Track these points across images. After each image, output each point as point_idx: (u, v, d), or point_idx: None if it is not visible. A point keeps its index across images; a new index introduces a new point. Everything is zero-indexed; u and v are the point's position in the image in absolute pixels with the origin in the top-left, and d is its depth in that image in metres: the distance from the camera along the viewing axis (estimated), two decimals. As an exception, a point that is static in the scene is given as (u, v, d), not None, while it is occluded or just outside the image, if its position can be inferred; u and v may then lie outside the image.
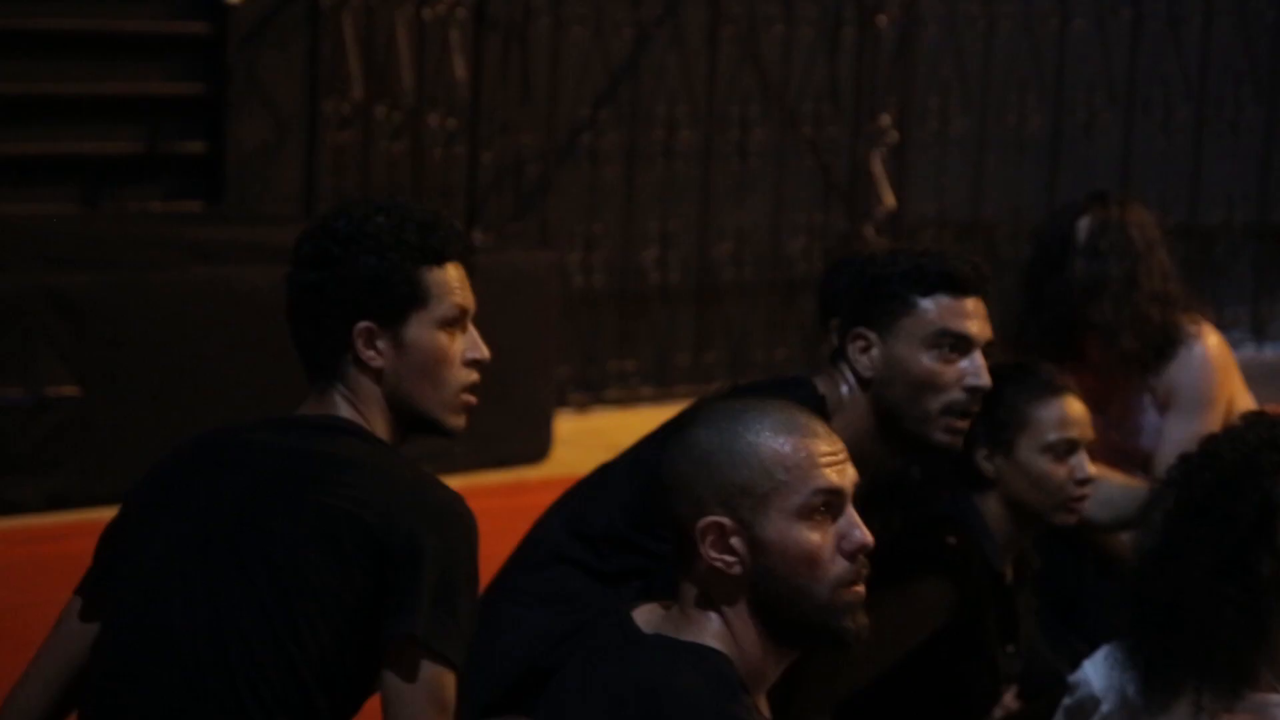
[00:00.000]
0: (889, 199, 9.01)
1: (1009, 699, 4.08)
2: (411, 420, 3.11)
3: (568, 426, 7.85)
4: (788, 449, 2.64)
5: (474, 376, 3.10)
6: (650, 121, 8.60)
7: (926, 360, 3.61)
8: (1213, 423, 4.81)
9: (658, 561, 3.32)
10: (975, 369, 3.63)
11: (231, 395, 6.53)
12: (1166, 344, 4.93)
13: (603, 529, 3.68)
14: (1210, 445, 3.42)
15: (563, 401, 8.14)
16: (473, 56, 8.08)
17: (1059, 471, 3.99)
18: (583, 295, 8.45)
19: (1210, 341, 4.99)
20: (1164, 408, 4.95)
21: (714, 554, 2.62)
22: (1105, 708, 3.37)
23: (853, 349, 3.68)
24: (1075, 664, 3.49)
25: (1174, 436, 4.77)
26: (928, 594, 3.89)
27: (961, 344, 3.63)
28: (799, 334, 8.96)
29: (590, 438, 7.53)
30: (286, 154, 7.87)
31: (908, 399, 3.61)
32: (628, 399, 8.34)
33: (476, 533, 2.98)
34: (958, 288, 3.65)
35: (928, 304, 3.62)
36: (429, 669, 2.85)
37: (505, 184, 8.33)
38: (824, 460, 2.65)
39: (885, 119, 9.02)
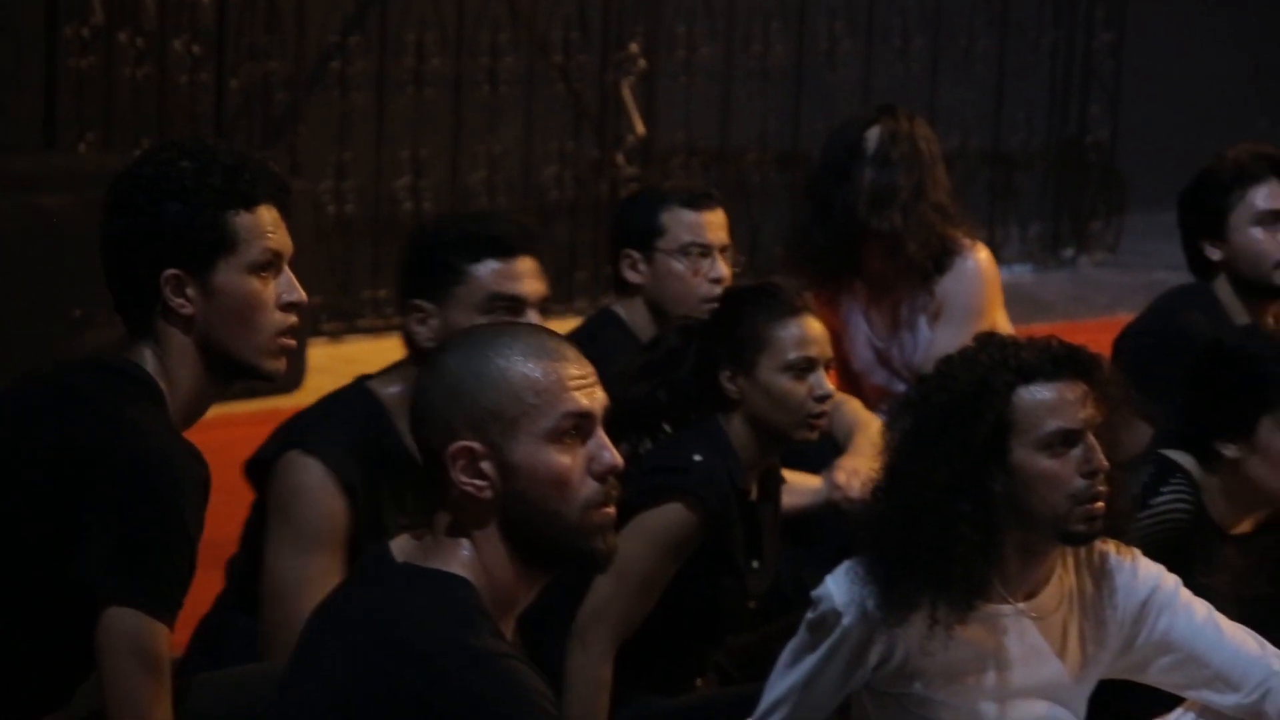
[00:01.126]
0: (639, 127, 9.08)
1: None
2: (227, 366, 3.09)
3: (321, 355, 7.82)
4: (537, 373, 2.64)
5: (291, 320, 3.09)
6: (400, 49, 8.56)
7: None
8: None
9: None
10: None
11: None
12: (945, 255, 5.05)
13: None
14: (945, 367, 3.51)
15: (316, 330, 8.11)
16: (218, -19, 7.98)
17: (799, 390, 4.05)
18: (335, 224, 8.41)
19: (981, 256, 5.13)
20: (935, 319, 5.07)
21: (464, 479, 2.61)
22: (846, 621, 3.44)
23: (411, 321, 3.72)
24: (818, 580, 3.55)
25: (942, 345, 4.81)
26: (679, 515, 3.97)
27: (515, 305, 3.66)
28: (551, 262, 8.99)
29: (344, 366, 7.49)
30: (25, 80, 7.71)
31: None
32: (381, 327, 8.31)
33: (194, 485, 2.98)
34: (506, 250, 3.67)
35: (478, 270, 3.65)
36: (124, 618, 2.89)
37: (254, 111, 8.25)
38: (573, 384, 2.66)
39: (634, 47, 9.07)
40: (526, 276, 3.69)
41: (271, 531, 3.69)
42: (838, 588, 3.46)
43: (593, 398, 2.68)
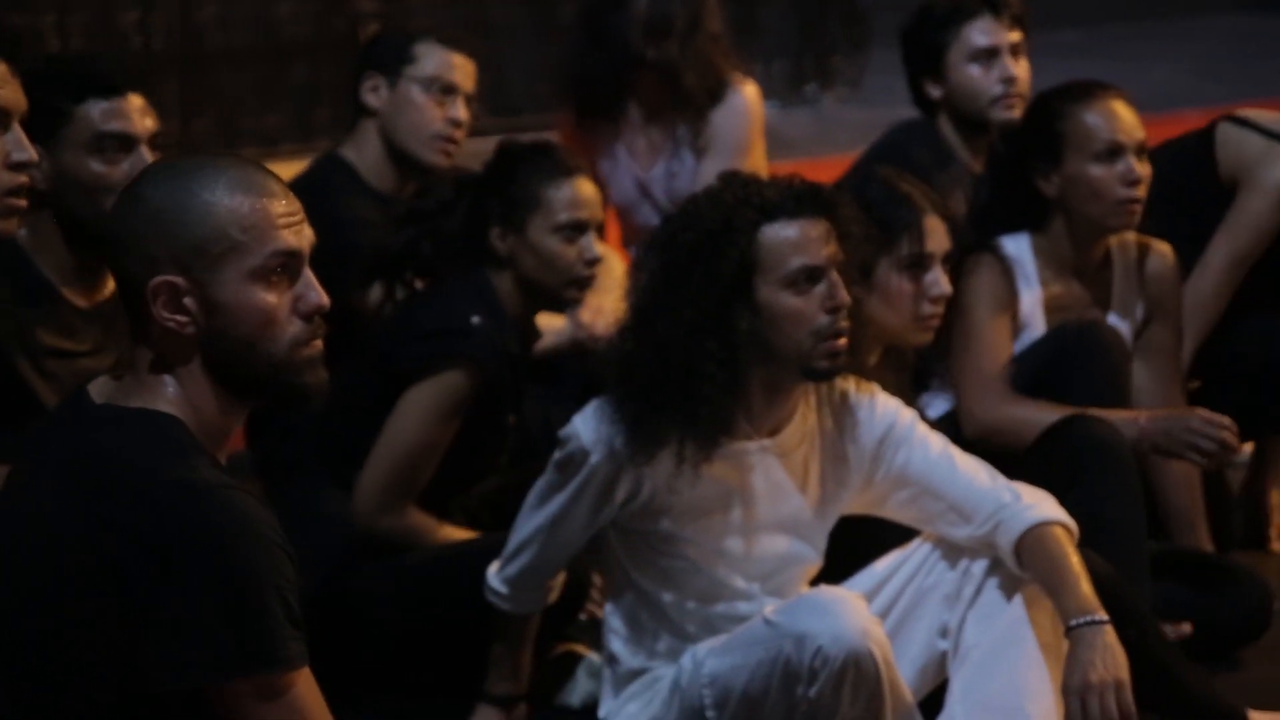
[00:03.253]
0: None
1: None
2: None
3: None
4: (245, 208, 2.55)
5: (20, 179, 3.07)
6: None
7: (94, 166, 3.53)
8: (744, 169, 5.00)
9: None
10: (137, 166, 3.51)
11: None
12: (718, 87, 5.05)
13: None
14: (691, 206, 3.53)
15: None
16: None
17: (569, 252, 4.05)
18: (63, 62, 8.20)
19: (749, 91, 5.15)
20: (702, 153, 5.08)
21: (166, 314, 2.54)
22: (594, 459, 3.48)
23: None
24: (564, 420, 3.58)
25: (706, 179, 4.78)
26: (461, 380, 3.96)
27: (126, 143, 3.56)
28: (290, 101, 8.88)
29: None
30: None
31: (80, 205, 3.54)
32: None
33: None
34: (111, 89, 3.58)
35: (83, 110, 3.57)
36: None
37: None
38: (281, 221, 2.58)
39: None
40: (135, 113, 3.60)
41: None
42: (585, 426, 3.50)
43: (300, 235, 2.60)
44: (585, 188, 4.09)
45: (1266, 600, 4.35)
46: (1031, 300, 4.31)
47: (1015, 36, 4.99)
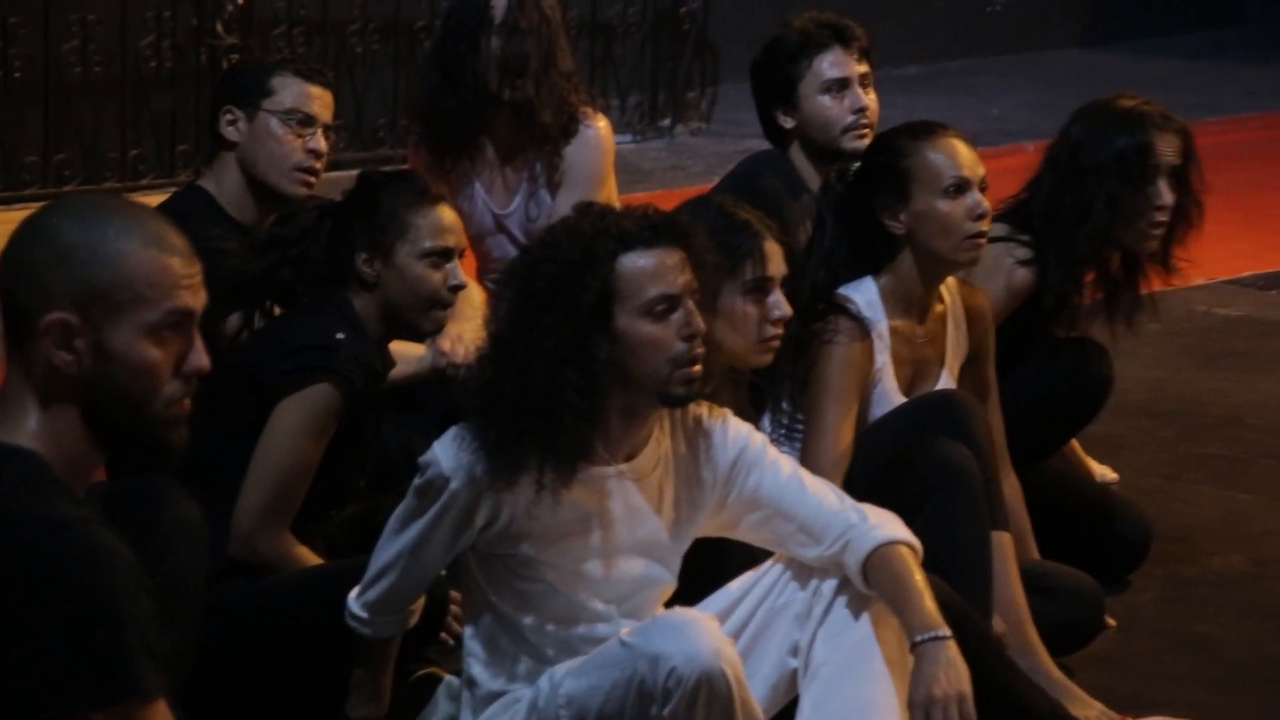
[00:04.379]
0: (238, -5, 8.97)
1: None
2: None
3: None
4: (153, 264, 2.61)
5: None
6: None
7: None
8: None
9: None
10: None
11: None
12: (571, 122, 5.12)
13: None
14: (549, 238, 3.57)
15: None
16: None
17: (435, 277, 4.10)
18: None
19: (601, 125, 5.21)
20: (558, 187, 5.14)
21: (53, 350, 2.56)
22: (454, 485, 3.50)
23: None
24: (424, 446, 3.60)
25: (563, 212, 4.94)
26: (329, 394, 3.99)
27: None
28: (151, 133, 8.86)
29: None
30: None
31: None
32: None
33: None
34: None
35: None
36: None
37: None
38: (184, 281, 2.63)
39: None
40: None
41: None
42: (444, 453, 3.52)
43: (197, 297, 2.65)
44: (449, 214, 4.15)
45: (1097, 608, 4.48)
46: (884, 354, 4.39)
47: (864, 68, 5.10)
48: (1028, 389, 4.79)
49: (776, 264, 3.99)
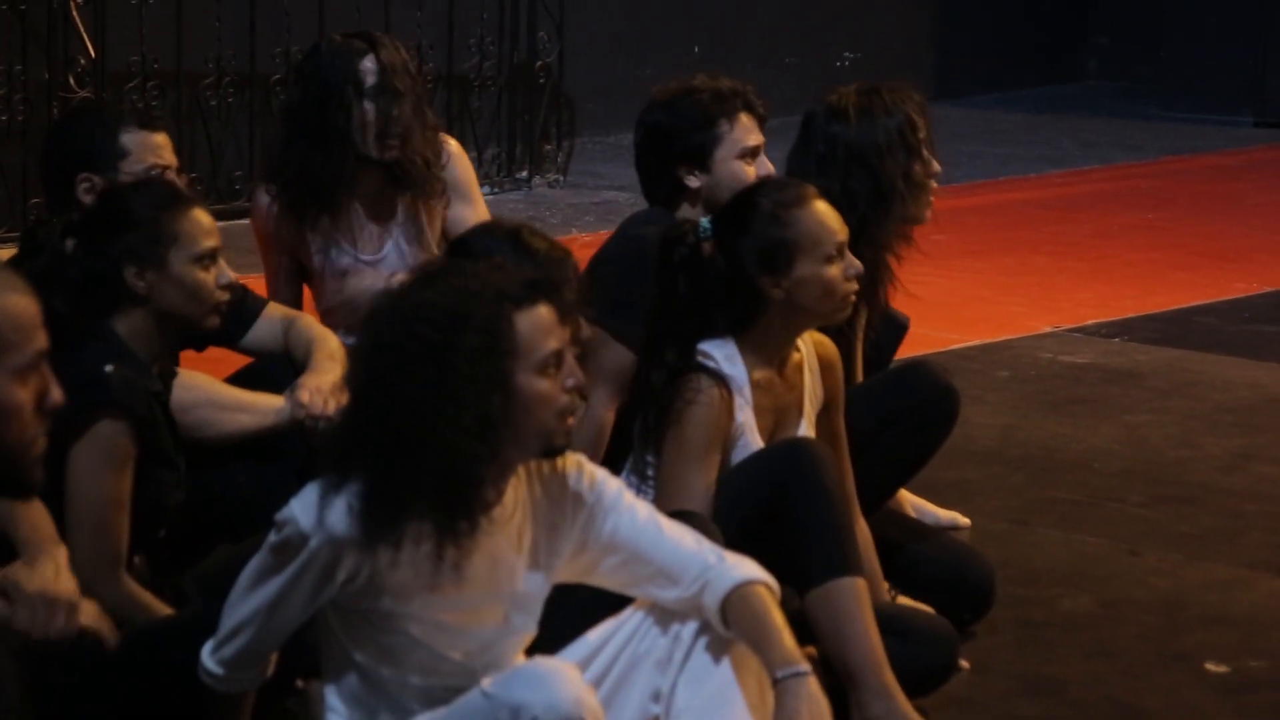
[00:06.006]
0: (90, 48, 8.92)
1: None
2: None
3: None
4: (19, 311, 2.68)
5: None
6: None
7: None
8: (482, 211, 5.21)
9: None
10: None
11: None
12: (435, 158, 5.20)
13: None
14: (425, 294, 3.43)
15: None
16: None
17: (209, 279, 4.13)
18: None
19: (453, 143, 5.36)
20: (446, 207, 5.25)
21: None
22: (314, 543, 3.45)
23: None
24: (280, 500, 3.54)
25: (463, 223, 5.10)
26: (111, 430, 3.95)
27: None
28: (2, 186, 8.82)
29: None
30: None
31: None
32: None
33: None
34: None
35: None
36: None
37: None
38: (39, 320, 2.71)
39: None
40: None
41: None
42: (303, 510, 3.46)
43: (45, 334, 2.72)
44: (206, 215, 4.18)
45: (950, 650, 4.55)
46: (745, 410, 4.41)
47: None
48: (875, 405, 4.86)
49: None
